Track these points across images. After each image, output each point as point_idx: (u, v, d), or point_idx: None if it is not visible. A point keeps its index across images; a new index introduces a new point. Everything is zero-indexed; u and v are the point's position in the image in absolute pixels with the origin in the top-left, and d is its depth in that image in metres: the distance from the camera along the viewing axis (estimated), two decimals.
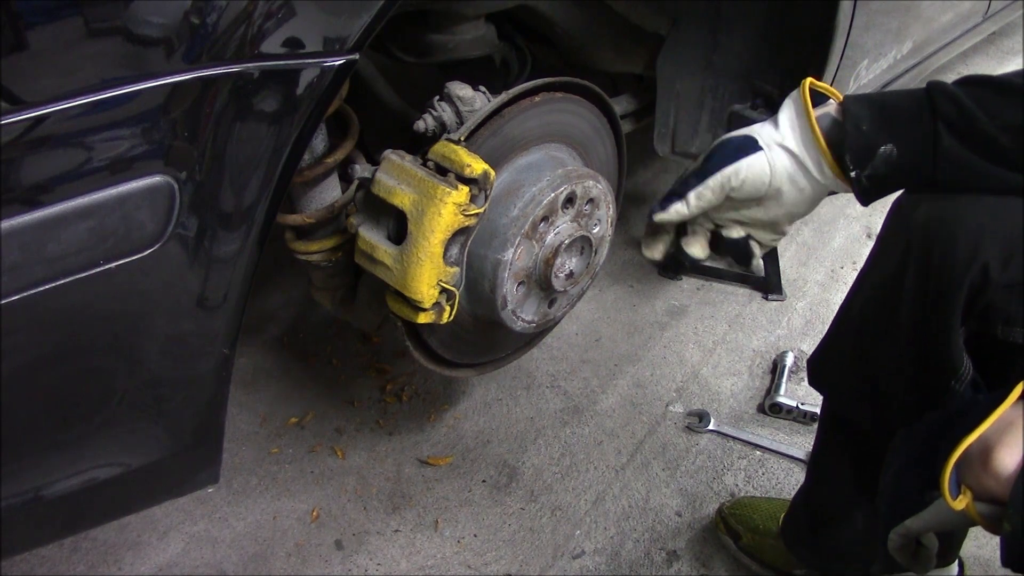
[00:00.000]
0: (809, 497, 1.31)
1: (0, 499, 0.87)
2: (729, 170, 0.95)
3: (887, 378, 0.99)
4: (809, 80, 0.95)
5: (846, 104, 0.92)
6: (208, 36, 0.77)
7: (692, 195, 0.98)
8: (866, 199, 0.94)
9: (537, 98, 1.26)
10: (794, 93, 0.96)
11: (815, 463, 1.29)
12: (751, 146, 0.96)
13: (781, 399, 1.74)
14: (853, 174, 0.92)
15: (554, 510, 1.57)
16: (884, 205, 1.00)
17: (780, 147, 0.95)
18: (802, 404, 1.72)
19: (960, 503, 0.72)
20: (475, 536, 1.53)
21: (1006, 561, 0.71)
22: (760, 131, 0.97)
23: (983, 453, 0.71)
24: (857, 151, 0.90)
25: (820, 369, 1.14)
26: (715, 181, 0.96)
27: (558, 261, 1.28)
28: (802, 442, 1.69)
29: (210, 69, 0.79)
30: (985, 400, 0.76)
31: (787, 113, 0.96)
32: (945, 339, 0.89)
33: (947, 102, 0.86)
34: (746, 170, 0.95)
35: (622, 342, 1.97)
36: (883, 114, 0.90)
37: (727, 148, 0.97)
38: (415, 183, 1.11)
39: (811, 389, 1.79)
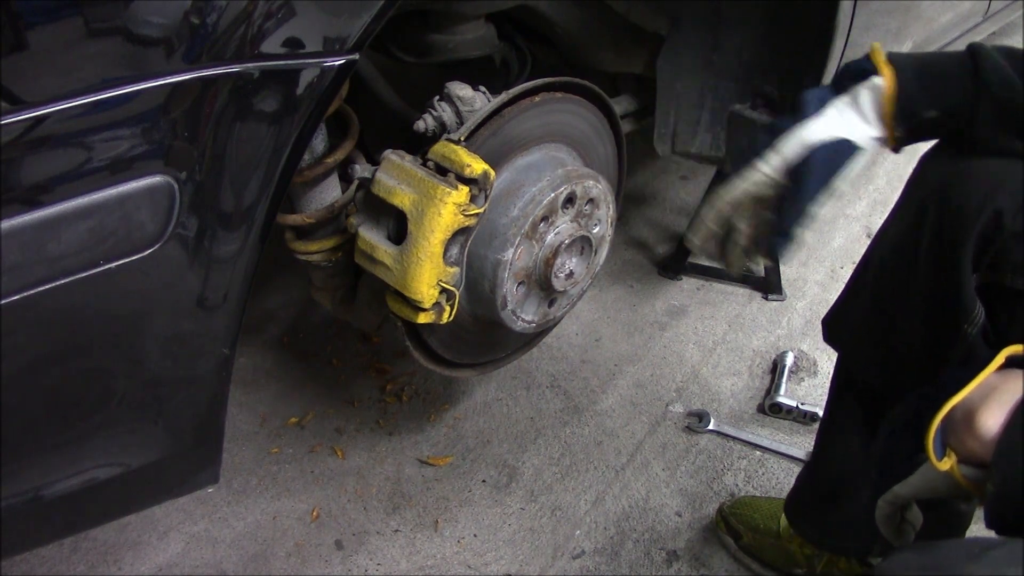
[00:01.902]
0: (816, 469, 1.30)
1: (0, 499, 0.87)
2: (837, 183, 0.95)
3: (902, 328, 1.00)
4: (887, 79, 0.92)
5: (892, 62, 0.93)
6: (208, 36, 0.77)
7: (804, 233, 0.97)
8: (897, 149, 0.97)
9: (537, 98, 1.26)
10: (877, 84, 0.93)
11: (823, 433, 1.28)
12: (854, 152, 0.95)
13: (781, 399, 1.74)
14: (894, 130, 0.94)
15: (554, 510, 1.57)
16: (885, 208, 1.00)
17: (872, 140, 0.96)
18: (802, 404, 1.72)
19: (945, 464, 0.74)
20: (475, 536, 1.53)
21: (989, 523, 0.73)
22: (855, 129, 0.94)
23: (967, 416, 0.73)
24: (899, 112, 0.92)
25: (836, 325, 1.14)
26: (827, 197, 0.96)
27: (558, 261, 1.28)
28: (802, 442, 1.69)
29: (210, 69, 0.79)
30: (971, 370, 0.78)
31: (869, 104, 0.94)
32: (958, 283, 0.91)
33: (992, 71, 0.87)
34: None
35: (622, 342, 1.97)
36: (927, 77, 0.91)
37: (835, 166, 0.94)
38: (415, 183, 1.11)
39: (811, 389, 1.81)
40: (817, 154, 0.93)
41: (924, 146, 0.99)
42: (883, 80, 0.91)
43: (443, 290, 1.17)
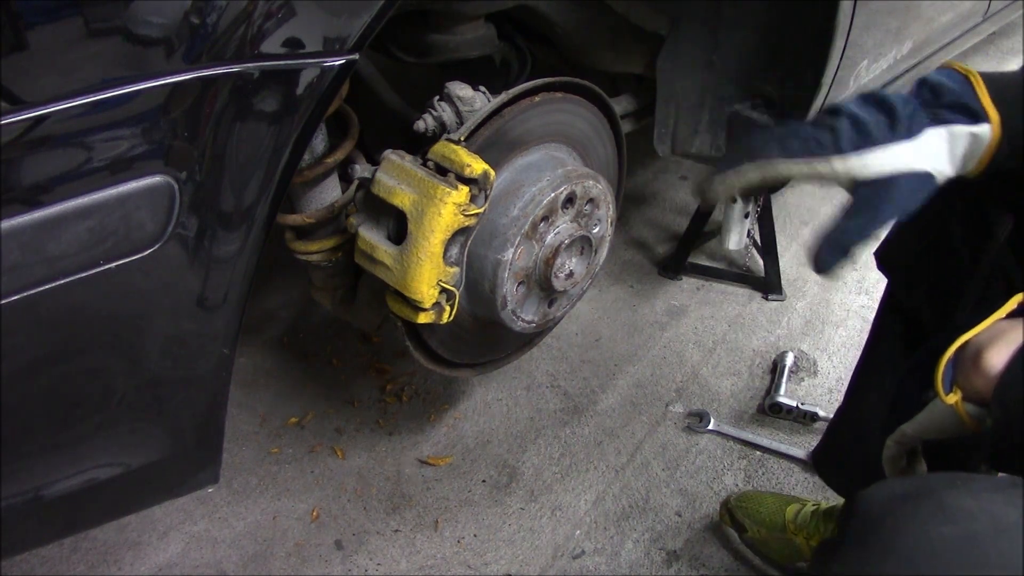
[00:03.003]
0: (846, 413, 1.30)
1: (0, 499, 0.87)
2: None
3: (948, 245, 1.00)
4: (994, 130, 0.82)
5: (999, 108, 0.83)
6: (208, 36, 0.77)
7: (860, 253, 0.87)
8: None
9: (537, 98, 1.26)
10: (981, 134, 0.83)
11: (856, 377, 1.28)
12: (929, 187, 0.85)
13: (781, 399, 1.74)
14: None
15: (554, 510, 1.57)
16: None
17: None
18: (802, 404, 1.72)
19: (951, 398, 0.76)
20: (475, 536, 1.53)
21: (988, 457, 0.76)
22: (941, 166, 0.84)
23: (975, 354, 0.75)
24: (990, 163, 0.85)
25: (888, 250, 1.14)
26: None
27: (558, 261, 1.28)
28: (802, 442, 1.69)
29: (210, 69, 0.78)
30: (983, 314, 0.79)
31: (963, 149, 0.85)
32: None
33: None
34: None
35: (622, 342, 1.97)
36: None
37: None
38: (415, 183, 1.11)
39: (811, 389, 1.81)
40: (902, 180, 0.82)
41: None
42: (990, 131, 0.82)
43: (443, 290, 1.17)
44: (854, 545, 0.68)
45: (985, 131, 0.81)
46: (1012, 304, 0.77)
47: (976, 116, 0.82)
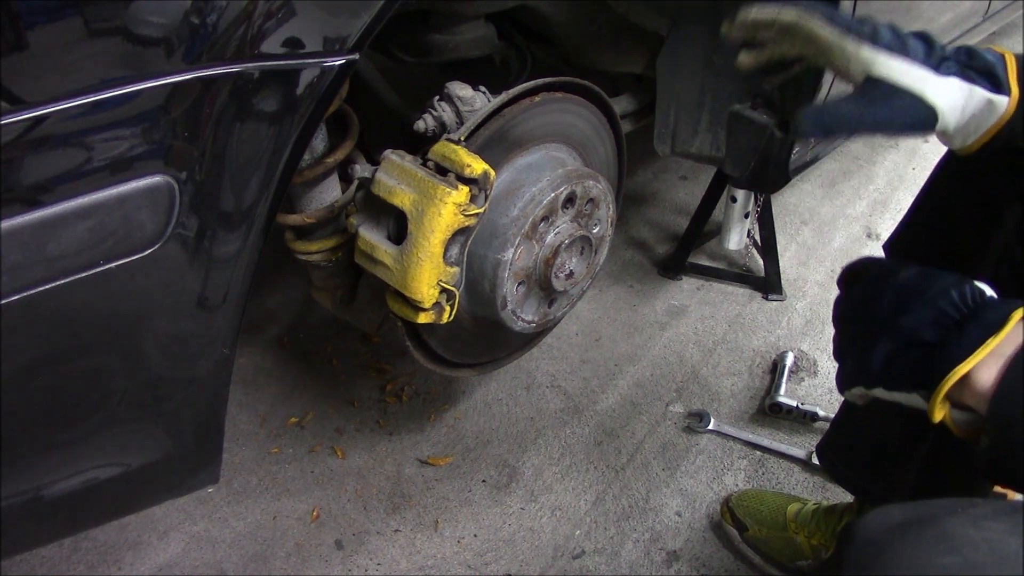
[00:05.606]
0: (853, 406, 1.29)
1: (0, 499, 0.87)
2: None
3: (957, 233, 1.03)
4: (1010, 106, 0.85)
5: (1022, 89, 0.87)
6: (208, 36, 0.77)
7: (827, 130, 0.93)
8: (954, 154, 0.95)
9: (537, 98, 1.26)
10: (997, 104, 0.86)
11: None
12: (921, 125, 0.89)
13: (781, 399, 1.74)
14: None
15: (554, 510, 1.57)
16: (885, 208, 0.99)
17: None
18: (802, 404, 1.72)
19: (938, 415, 0.75)
20: (475, 536, 1.53)
21: (985, 473, 0.74)
22: (946, 116, 0.88)
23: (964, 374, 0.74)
24: (995, 138, 0.88)
25: (898, 240, 1.17)
26: None
27: (558, 261, 1.28)
28: (802, 442, 1.69)
29: (210, 69, 0.79)
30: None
31: (973, 112, 0.88)
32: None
33: None
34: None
35: (622, 342, 1.97)
36: None
37: None
38: (415, 183, 1.11)
39: (811, 389, 1.81)
40: (907, 97, 0.86)
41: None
42: (1006, 104, 0.86)
43: (443, 290, 1.17)
44: (854, 574, 0.68)
45: (1002, 102, 0.85)
46: (1010, 325, 0.75)
47: (999, 86, 0.86)
